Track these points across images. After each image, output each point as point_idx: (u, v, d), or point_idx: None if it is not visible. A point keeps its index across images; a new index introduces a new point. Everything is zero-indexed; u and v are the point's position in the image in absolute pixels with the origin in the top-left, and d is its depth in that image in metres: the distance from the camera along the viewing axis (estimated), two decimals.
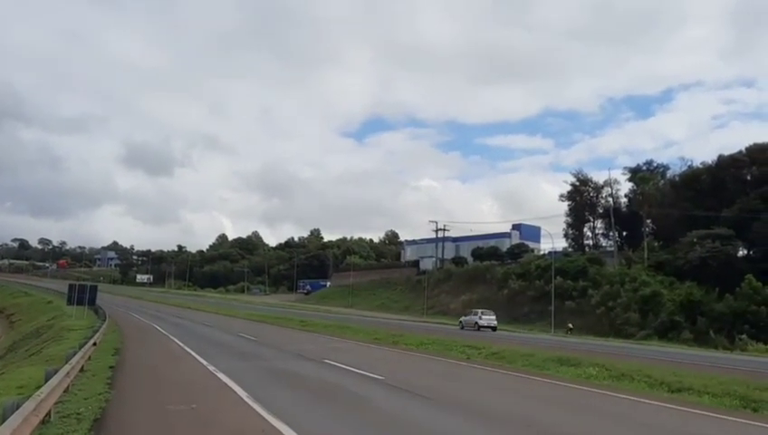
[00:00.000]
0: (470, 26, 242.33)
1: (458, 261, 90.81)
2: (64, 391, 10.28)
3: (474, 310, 51.79)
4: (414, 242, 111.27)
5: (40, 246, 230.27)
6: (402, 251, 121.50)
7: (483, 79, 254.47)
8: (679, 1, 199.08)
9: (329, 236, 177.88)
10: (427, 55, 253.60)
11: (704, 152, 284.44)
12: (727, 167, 63.41)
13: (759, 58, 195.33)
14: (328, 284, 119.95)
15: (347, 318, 53.70)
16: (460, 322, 49.94)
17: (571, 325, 51.50)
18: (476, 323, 47.19)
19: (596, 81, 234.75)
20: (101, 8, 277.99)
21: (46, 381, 8.81)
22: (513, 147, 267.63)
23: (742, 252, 58.88)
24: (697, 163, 70.38)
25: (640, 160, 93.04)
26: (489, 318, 47.94)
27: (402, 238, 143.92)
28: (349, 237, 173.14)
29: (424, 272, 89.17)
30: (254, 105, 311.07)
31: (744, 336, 42.92)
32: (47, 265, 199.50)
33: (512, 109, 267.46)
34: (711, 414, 11.08)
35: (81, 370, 13.74)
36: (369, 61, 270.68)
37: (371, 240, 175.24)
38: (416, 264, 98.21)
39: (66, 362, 11.25)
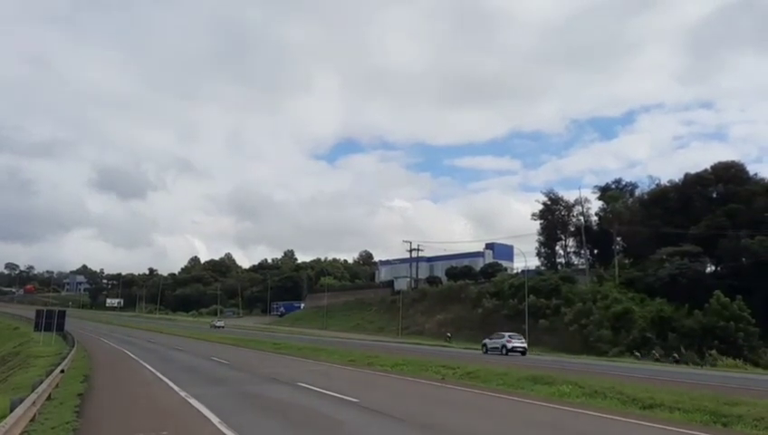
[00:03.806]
0: (436, 50, 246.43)
1: (433, 281, 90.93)
2: (30, 421, 10.04)
3: (217, 317, 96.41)
4: (388, 262, 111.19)
5: (6, 271, 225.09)
6: (376, 271, 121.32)
7: (449, 102, 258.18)
8: (638, 27, 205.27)
9: (302, 258, 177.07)
10: (394, 79, 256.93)
11: (667, 172, 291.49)
12: (694, 185, 64.74)
13: (715, 81, 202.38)
14: (302, 305, 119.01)
15: (321, 340, 53.31)
16: (212, 325, 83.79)
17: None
18: (215, 325, 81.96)
19: (560, 103, 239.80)
20: (69, 34, 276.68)
21: (11, 410, 8.61)
22: (482, 168, 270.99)
23: (710, 268, 59.98)
24: (665, 181, 71.79)
25: (606, 180, 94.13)
26: (220, 323, 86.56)
27: (376, 259, 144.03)
28: (323, 258, 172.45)
29: (398, 292, 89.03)
30: (224, 129, 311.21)
31: (713, 352, 43.60)
32: (14, 290, 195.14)
33: (479, 131, 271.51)
34: (682, 430, 11.20)
35: (49, 398, 13.44)
36: (338, 85, 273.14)
37: (345, 261, 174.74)
38: (390, 284, 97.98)
39: (33, 391, 11.01)
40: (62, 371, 18.19)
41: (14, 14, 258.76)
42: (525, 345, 42.89)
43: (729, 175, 62.65)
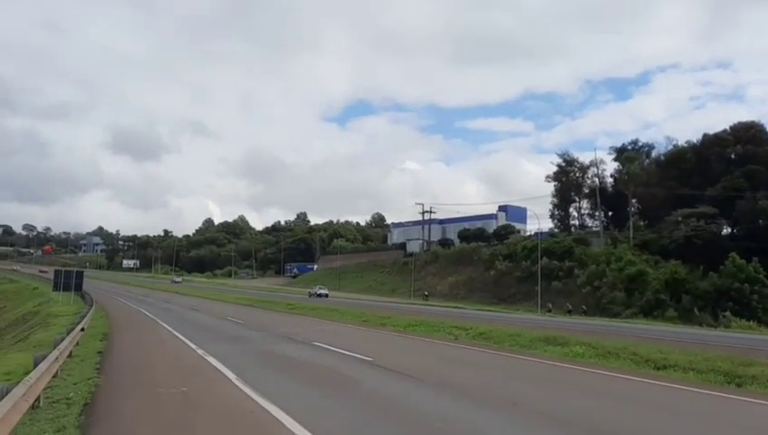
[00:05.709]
0: (447, 10, 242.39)
1: (445, 243, 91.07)
2: (53, 377, 10.25)
3: (174, 277, 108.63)
4: (401, 224, 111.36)
5: (24, 232, 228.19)
6: (389, 234, 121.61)
7: (461, 62, 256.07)
8: None
9: (315, 220, 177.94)
10: (405, 39, 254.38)
11: (683, 133, 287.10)
12: (711, 145, 63.87)
13: (733, 41, 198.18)
14: (315, 267, 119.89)
15: (334, 301, 53.78)
16: (172, 280, 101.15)
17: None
18: (174, 280, 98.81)
19: (574, 63, 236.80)
20: None
21: (35, 366, 8.77)
22: (494, 130, 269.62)
23: (726, 230, 59.47)
24: (682, 142, 70.74)
25: (620, 142, 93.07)
26: (178, 279, 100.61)
27: (389, 221, 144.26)
28: (335, 221, 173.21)
29: (411, 254, 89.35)
30: (236, 91, 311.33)
31: (727, 313, 43.58)
32: (32, 251, 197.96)
33: (491, 92, 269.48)
34: (696, 390, 11.23)
35: (70, 355, 13.69)
36: (349, 45, 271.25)
37: (358, 223, 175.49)
38: (402, 246, 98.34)
39: (55, 348, 11.20)
40: (82, 329, 18.50)
41: None
42: (326, 292, 67.02)
43: (748, 136, 61.70)
